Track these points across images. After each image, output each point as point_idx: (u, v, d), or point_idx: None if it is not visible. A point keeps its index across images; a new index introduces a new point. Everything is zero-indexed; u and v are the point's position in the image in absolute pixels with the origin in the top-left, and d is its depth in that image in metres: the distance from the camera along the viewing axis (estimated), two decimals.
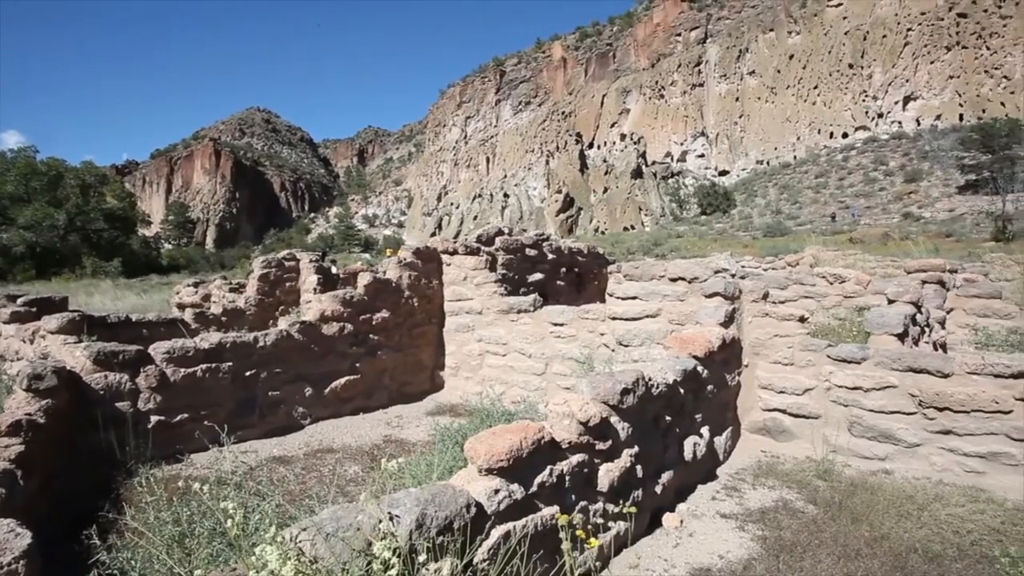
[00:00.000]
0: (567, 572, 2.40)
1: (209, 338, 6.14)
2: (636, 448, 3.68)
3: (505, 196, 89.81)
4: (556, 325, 7.45)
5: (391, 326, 8.06)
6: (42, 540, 2.63)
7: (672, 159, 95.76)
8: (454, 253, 8.77)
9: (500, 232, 9.68)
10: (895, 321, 5.35)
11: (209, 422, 5.63)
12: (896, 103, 76.42)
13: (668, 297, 6.45)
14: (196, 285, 12.78)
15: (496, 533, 2.62)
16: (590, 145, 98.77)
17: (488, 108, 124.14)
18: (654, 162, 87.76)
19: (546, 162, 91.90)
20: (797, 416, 5.27)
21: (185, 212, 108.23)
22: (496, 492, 2.69)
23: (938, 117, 72.73)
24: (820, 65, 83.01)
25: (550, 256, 10.41)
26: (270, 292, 11.24)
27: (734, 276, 6.98)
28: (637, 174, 76.98)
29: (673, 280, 6.45)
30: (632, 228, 68.66)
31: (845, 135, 79.17)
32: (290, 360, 6.78)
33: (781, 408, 5.37)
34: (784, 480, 4.64)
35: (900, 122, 75.62)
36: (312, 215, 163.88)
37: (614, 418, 3.53)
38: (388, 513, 2.24)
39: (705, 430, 4.71)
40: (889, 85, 76.80)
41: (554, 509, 2.95)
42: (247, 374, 6.31)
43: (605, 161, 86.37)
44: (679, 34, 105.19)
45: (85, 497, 4.09)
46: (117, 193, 45.92)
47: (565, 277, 10.82)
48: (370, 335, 7.78)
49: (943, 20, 73.91)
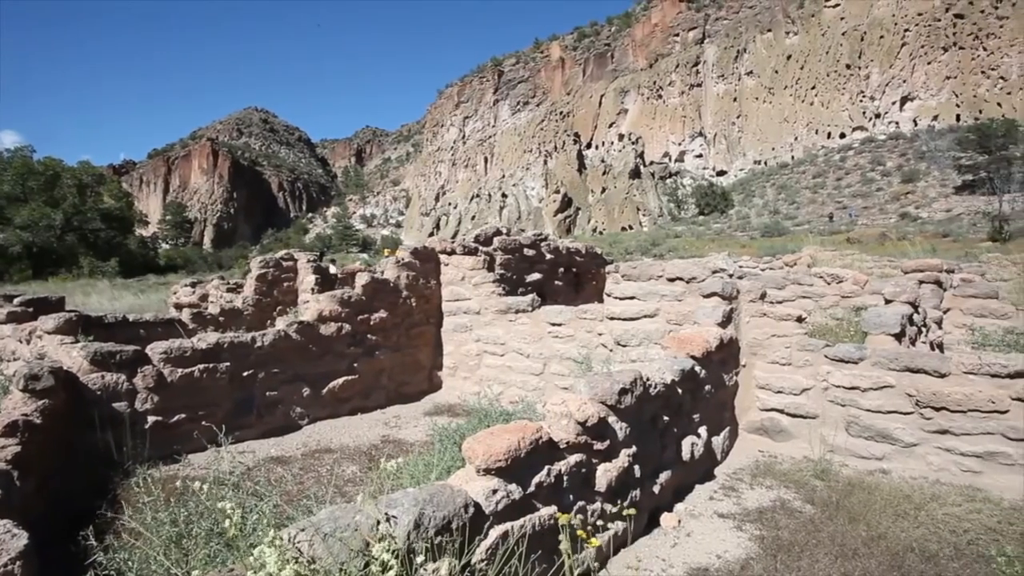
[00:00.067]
0: (566, 572, 2.40)
1: (207, 338, 6.13)
2: (634, 448, 3.69)
3: (503, 196, 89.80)
4: (554, 325, 7.45)
5: (389, 326, 8.05)
6: (38, 541, 2.62)
7: (670, 159, 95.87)
8: (452, 253, 8.77)
9: (498, 232, 9.68)
10: (892, 321, 5.36)
11: (207, 422, 5.62)
12: (893, 103, 76.60)
13: (666, 297, 6.45)
14: (193, 285, 12.76)
15: (494, 533, 2.62)
16: (588, 145, 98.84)
17: (486, 108, 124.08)
18: (652, 162, 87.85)
19: (544, 162, 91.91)
20: (795, 416, 5.28)
21: (182, 212, 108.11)
22: (494, 492, 2.69)
23: (935, 118, 72.91)
24: (818, 66, 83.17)
25: (548, 256, 10.42)
26: (268, 292, 11.23)
27: (732, 276, 7.00)
28: (635, 174, 77.05)
29: (671, 280, 6.45)
30: (630, 228, 68.72)
31: (842, 135, 79.34)
32: (288, 360, 6.77)
33: (779, 408, 5.38)
34: (782, 480, 4.65)
35: (897, 122, 75.81)
36: (310, 215, 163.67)
37: (612, 418, 3.53)
38: (386, 513, 2.24)
39: (703, 430, 4.72)
40: (886, 86, 76.98)
41: (552, 509, 2.95)
42: (245, 374, 6.30)
43: (603, 161, 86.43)
44: (677, 34, 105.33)
45: (82, 497, 4.08)
46: (114, 193, 45.83)
47: (563, 277, 10.83)
48: (368, 335, 7.77)
49: (940, 21, 74.11)
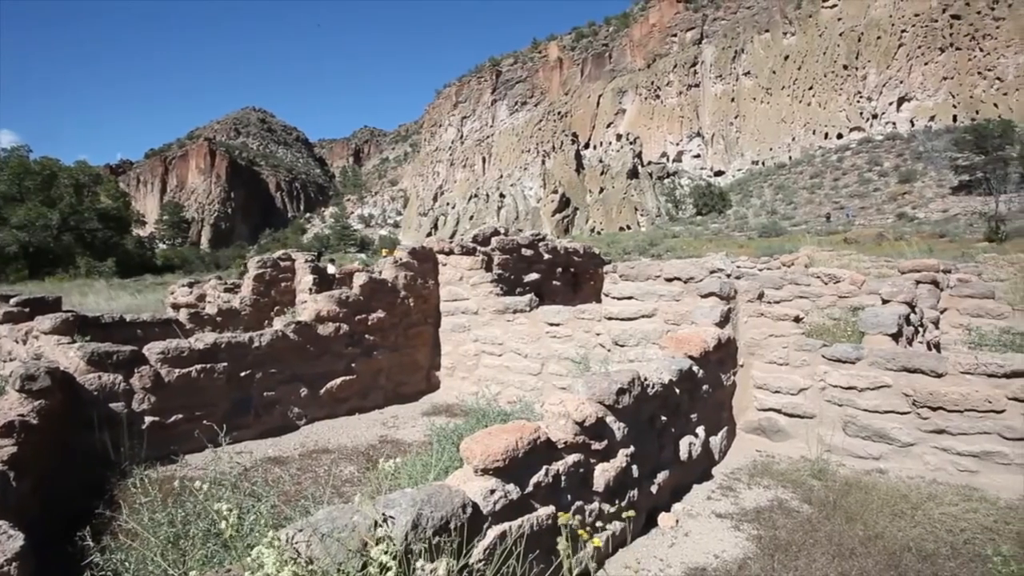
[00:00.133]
0: (564, 572, 2.40)
1: (204, 338, 6.11)
2: (632, 448, 3.69)
3: (501, 196, 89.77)
4: (552, 325, 7.45)
5: (387, 326, 8.04)
6: (35, 542, 2.62)
7: (668, 159, 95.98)
8: (450, 253, 8.77)
9: (496, 232, 9.68)
10: (889, 321, 5.37)
11: (204, 423, 5.61)
12: (890, 104, 76.84)
13: (664, 297, 6.46)
14: (191, 285, 12.72)
15: (492, 533, 2.62)
16: (586, 145, 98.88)
17: (484, 108, 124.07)
18: (650, 162, 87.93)
19: (542, 162, 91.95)
20: (792, 416, 5.29)
21: (180, 212, 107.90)
22: (492, 492, 2.69)
23: (932, 118, 73.15)
24: (815, 66, 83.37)
25: (546, 256, 10.42)
26: (265, 292, 11.20)
27: (729, 276, 7.00)
28: (633, 174, 77.10)
29: (669, 280, 6.46)
30: (628, 228, 68.77)
31: (840, 136, 79.54)
32: (285, 360, 6.75)
33: (776, 408, 5.38)
34: (779, 480, 4.65)
35: (894, 123, 76.04)
36: (308, 215, 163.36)
37: (610, 418, 3.53)
38: (384, 514, 2.23)
39: (701, 430, 4.72)
40: (883, 86, 77.21)
41: (550, 509, 2.96)
42: (242, 374, 6.29)
43: (601, 161, 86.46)
44: (675, 35, 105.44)
45: (79, 498, 4.06)
46: (111, 193, 45.72)
47: (561, 277, 10.83)
48: (366, 335, 7.76)
49: (937, 22, 74.36)
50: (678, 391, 4.35)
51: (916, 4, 76.31)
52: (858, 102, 79.06)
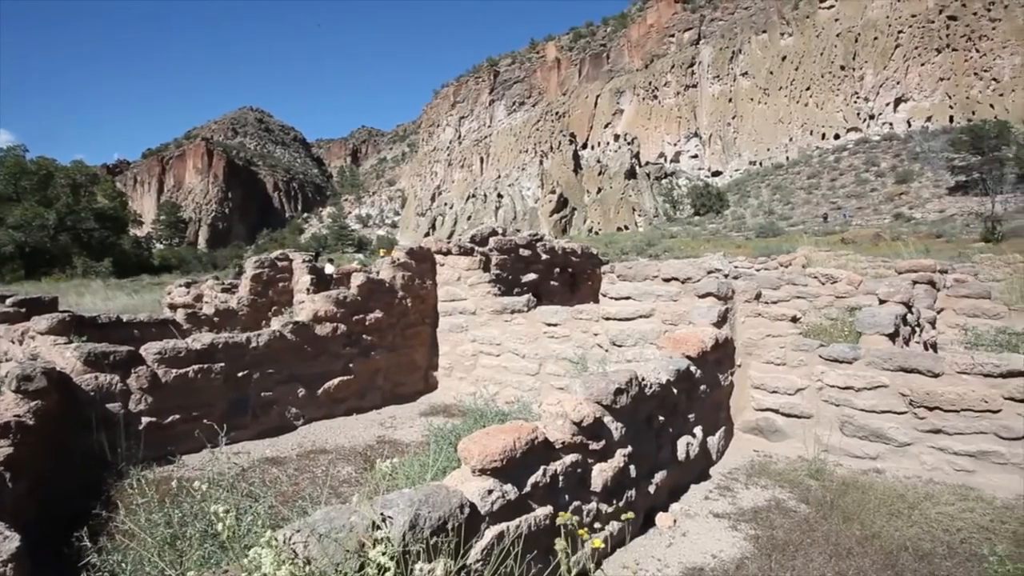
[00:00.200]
0: (562, 573, 2.40)
1: (201, 339, 6.10)
2: (629, 448, 3.69)
3: (499, 196, 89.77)
4: (550, 325, 7.45)
5: (384, 326, 8.03)
6: (31, 543, 2.61)
7: (665, 160, 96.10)
8: (448, 253, 8.76)
9: (494, 232, 9.68)
10: (886, 321, 5.39)
11: (202, 423, 5.60)
12: (887, 105, 77.08)
13: (661, 297, 6.46)
14: (188, 285, 12.67)
15: (490, 533, 2.61)
16: (584, 145, 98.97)
17: (482, 108, 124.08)
18: (647, 163, 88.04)
19: (540, 162, 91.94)
20: (789, 416, 5.30)
21: (177, 212, 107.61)
22: (490, 492, 2.69)
23: (928, 119, 73.41)
24: (812, 67, 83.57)
25: (544, 256, 10.42)
26: (263, 292, 11.18)
27: (727, 276, 7.01)
28: (631, 175, 77.21)
29: (666, 280, 6.47)
30: (626, 228, 68.84)
31: (837, 136, 79.76)
32: (283, 361, 6.74)
33: (774, 408, 5.39)
34: (776, 479, 4.66)
35: (891, 123, 76.28)
36: (305, 215, 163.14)
37: (607, 418, 3.53)
38: (382, 514, 2.23)
39: (698, 430, 4.73)
40: (880, 87, 77.44)
41: (548, 509, 2.95)
42: (240, 375, 6.27)
43: (599, 161, 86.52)
44: (672, 35, 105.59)
45: (75, 499, 4.05)
46: (108, 193, 45.59)
47: (559, 277, 10.84)
48: (363, 335, 7.75)
49: (933, 23, 74.62)
50: (676, 391, 4.35)
51: (913, 5, 76.59)
52: (855, 103, 79.29)
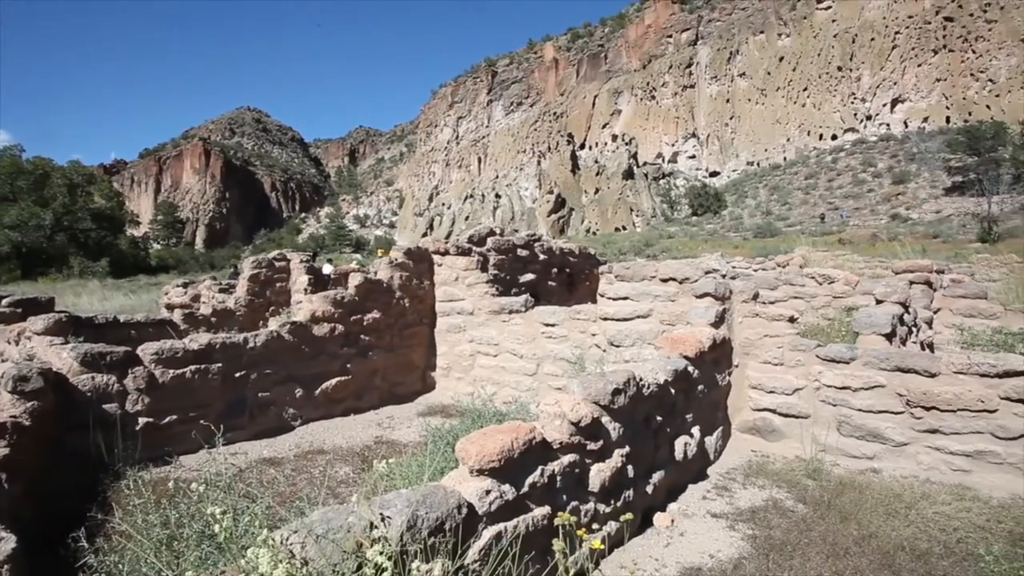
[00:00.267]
0: (560, 573, 2.40)
1: (198, 339, 6.09)
2: (627, 448, 3.69)
3: (497, 197, 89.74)
4: (548, 326, 7.46)
5: (382, 327, 8.03)
6: (27, 543, 2.60)
7: (663, 160, 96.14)
8: (445, 254, 8.76)
9: (491, 232, 9.68)
10: (883, 321, 5.40)
11: (199, 424, 5.58)
12: (884, 105, 77.24)
13: (659, 297, 6.47)
14: (185, 285, 12.65)
15: (488, 534, 2.61)
16: (582, 146, 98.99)
17: (480, 108, 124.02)
18: (645, 163, 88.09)
19: (538, 163, 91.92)
20: (787, 416, 5.31)
21: (174, 212, 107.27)
22: (487, 493, 2.68)
23: (925, 119, 73.57)
24: (809, 67, 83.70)
25: (541, 257, 10.42)
26: (260, 292, 11.17)
27: (724, 277, 7.02)
28: (628, 175, 77.25)
29: (664, 281, 6.48)
30: (623, 229, 68.88)
31: (834, 137, 79.89)
32: (280, 361, 6.73)
33: (771, 408, 5.40)
34: (774, 479, 4.67)
35: (888, 124, 76.43)
36: (303, 215, 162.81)
37: (605, 418, 3.54)
38: (379, 514, 2.23)
39: (696, 430, 4.73)
40: (877, 88, 77.60)
41: (546, 509, 2.95)
42: (237, 375, 6.26)
43: (597, 162, 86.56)
44: (670, 36, 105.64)
45: (72, 500, 4.04)
46: (105, 193, 45.51)
47: (557, 278, 10.84)
48: (361, 336, 7.74)
49: (930, 24, 74.79)
50: (673, 391, 4.36)
51: (909, 6, 76.77)
52: (852, 103, 79.43)
